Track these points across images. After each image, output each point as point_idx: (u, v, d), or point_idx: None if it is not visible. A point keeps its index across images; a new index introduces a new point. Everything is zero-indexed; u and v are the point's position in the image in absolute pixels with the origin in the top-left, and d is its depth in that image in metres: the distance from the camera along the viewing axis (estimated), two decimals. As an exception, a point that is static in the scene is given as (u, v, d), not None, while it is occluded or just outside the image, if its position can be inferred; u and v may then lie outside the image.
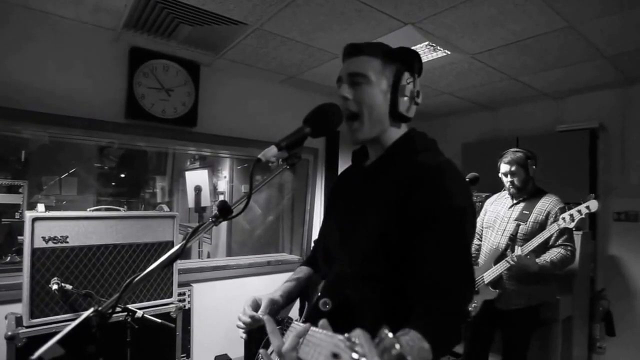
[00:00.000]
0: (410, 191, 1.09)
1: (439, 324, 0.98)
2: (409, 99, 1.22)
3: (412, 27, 2.70)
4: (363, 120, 1.19)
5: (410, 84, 1.21)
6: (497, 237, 2.90)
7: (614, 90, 3.84)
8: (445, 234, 1.05)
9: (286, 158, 1.08)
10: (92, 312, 0.96)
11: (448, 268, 1.03)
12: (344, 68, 1.24)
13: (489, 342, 3.01)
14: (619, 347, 3.73)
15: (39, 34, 2.78)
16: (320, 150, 4.46)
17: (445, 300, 1.01)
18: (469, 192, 1.17)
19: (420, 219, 1.05)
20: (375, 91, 1.18)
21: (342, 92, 1.20)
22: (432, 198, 1.07)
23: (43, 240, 2.32)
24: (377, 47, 1.22)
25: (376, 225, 1.13)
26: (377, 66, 1.19)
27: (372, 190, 1.22)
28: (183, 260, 3.88)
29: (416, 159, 1.17)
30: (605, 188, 3.87)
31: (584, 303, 3.65)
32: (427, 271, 1.03)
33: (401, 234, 1.07)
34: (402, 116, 1.21)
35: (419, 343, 0.91)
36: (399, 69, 1.20)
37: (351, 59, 1.23)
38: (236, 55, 3.34)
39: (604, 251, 3.89)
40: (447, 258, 1.04)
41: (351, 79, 1.20)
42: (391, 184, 1.15)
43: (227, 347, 3.67)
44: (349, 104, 1.19)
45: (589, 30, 2.71)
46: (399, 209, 1.09)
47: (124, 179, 5.20)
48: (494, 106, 4.75)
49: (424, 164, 1.14)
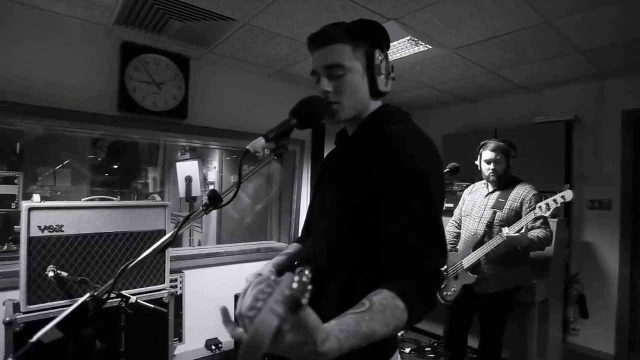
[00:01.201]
0: (376, 160, 1.11)
1: (409, 284, 0.96)
2: (385, 75, 1.24)
3: (395, 23, 2.76)
4: (344, 103, 1.19)
5: (382, 61, 1.22)
6: (475, 224, 2.97)
7: (589, 84, 3.94)
8: (410, 197, 1.05)
9: (274, 149, 1.09)
10: (89, 298, 0.99)
11: (415, 230, 1.03)
12: (317, 61, 1.21)
13: (468, 324, 3.10)
14: (592, 329, 3.86)
15: (34, 30, 2.83)
16: (306, 142, 4.53)
17: (415, 262, 1.01)
18: (435, 157, 1.14)
19: (385, 186, 1.07)
20: (354, 78, 1.18)
21: (322, 87, 1.19)
22: (395, 165, 1.07)
23: (39, 229, 2.36)
24: (343, 30, 1.19)
25: (348, 196, 1.15)
26: (350, 52, 1.18)
27: (347, 164, 1.23)
28: (175, 248, 3.93)
29: (385, 130, 1.18)
30: (580, 177, 3.98)
31: (559, 287, 3.75)
32: (396, 235, 1.04)
33: (371, 203, 1.09)
34: (381, 93, 1.23)
35: (393, 302, 0.90)
36: (369, 49, 1.20)
37: (322, 49, 1.19)
38: (225, 50, 3.39)
39: (578, 238, 4.01)
40: (414, 220, 1.03)
41: (328, 72, 1.18)
42: (363, 155, 1.17)
43: (217, 332, 3.75)
44: (331, 97, 1.19)
45: (564, 26, 2.79)
46: (368, 179, 1.10)
47: (117, 170, 5.21)
48: (474, 99, 4.84)
49: (391, 134, 1.15)
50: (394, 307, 0.89)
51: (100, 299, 1.00)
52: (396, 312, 0.89)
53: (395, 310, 0.89)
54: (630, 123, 3.71)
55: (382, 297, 0.89)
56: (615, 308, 3.75)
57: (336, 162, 1.34)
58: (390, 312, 0.88)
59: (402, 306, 0.90)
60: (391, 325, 0.88)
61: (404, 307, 0.90)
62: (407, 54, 3.35)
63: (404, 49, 3.25)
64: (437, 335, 4.19)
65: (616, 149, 3.79)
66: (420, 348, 4.09)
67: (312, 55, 1.24)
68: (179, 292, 3.45)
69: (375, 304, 0.87)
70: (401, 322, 0.91)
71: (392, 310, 0.89)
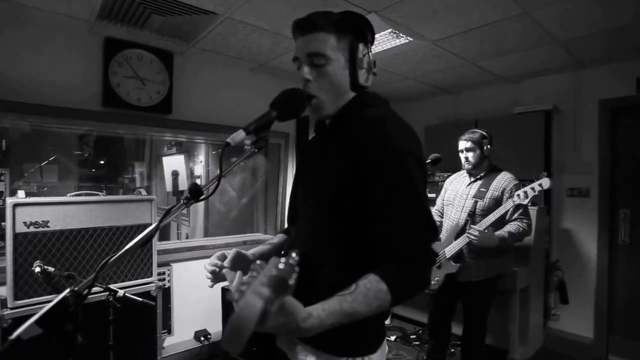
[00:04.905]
0: (356, 144, 1.12)
1: (398, 267, 1.00)
2: (366, 70, 1.24)
3: (375, 15, 2.78)
4: (324, 98, 1.20)
5: (365, 55, 1.22)
6: (456, 213, 3.02)
7: (567, 74, 3.99)
8: (392, 179, 1.06)
9: (254, 141, 1.08)
10: (69, 292, 0.98)
11: (399, 213, 1.05)
12: (300, 47, 1.21)
13: (451, 312, 3.16)
14: (572, 314, 3.94)
15: (16, 25, 2.82)
16: (291, 134, 4.55)
17: (400, 245, 1.03)
18: (413, 137, 1.16)
19: (367, 169, 1.08)
20: (335, 69, 1.18)
21: (304, 74, 1.19)
22: (374, 148, 1.09)
23: (24, 225, 2.38)
24: (329, 20, 1.19)
25: (330, 181, 1.16)
26: (333, 42, 1.18)
27: (327, 150, 1.24)
28: (162, 242, 3.96)
29: (364, 113, 1.18)
30: (559, 166, 4.04)
31: (539, 273, 3.83)
32: (380, 219, 1.06)
33: (354, 187, 1.10)
34: (361, 87, 1.23)
35: (377, 285, 0.95)
36: (353, 41, 1.20)
37: (306, 35, 1.19)
38: (208, 44, 3.40)
39: (558, 225, 4.08)
40: (397, 203, 1.05)
41: (310, 59, 1.18)
42: (342, 141, 1.17)
43: (206, 323, 3.80)
44: (311, 85, 1.19)
45: (542, 16, 2.81)
46: (350, 164, 1.11)
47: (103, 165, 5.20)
48: (455, 90, 4.88)
49: (368, 116, 1.16)
50: (377, 289, 0.95)
51: (81, 294, 0.99)
52: (379, 294, 0.95)
53: (378, 293, 0.95)
54: (607, 112, 3.77)
55: (367, 281, 0.96)
56: (594, 293, 3.83)
57: (316, 149, 1.35)
58: (373, 294, 0.95)
59: (384, 288, 0.95)
60: (373, 305, 0.95)
61: (386, 289, 0.96)
62: (388, 47, 3.38)
63: (384, 42, 3.28)
64: (422, 322, 4.25)
65: (594, 138, 3.85)
66: (405, 335, 4.17)
67: (295, 40, 1.24)
68: (167, 284, 3.48)
69: (360, 287, 0.95)
70: (384, 302, 0.97)
71: (375, 292, 0.95)
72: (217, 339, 3.71)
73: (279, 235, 1.54)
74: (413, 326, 4.39)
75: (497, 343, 3.60)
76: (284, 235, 1.53)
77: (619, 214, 3.74)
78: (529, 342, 3.63)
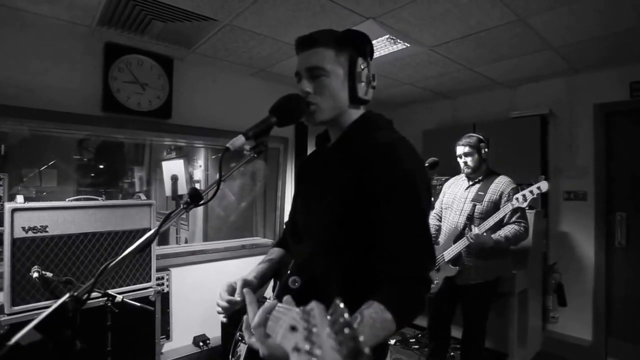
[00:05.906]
0: (365, 167, 1.12)
1: (400, 292, 1.02)
2: (366, 83, 1.25)
3: (373, 22, 2.81)
4: (322, 106, 1.21)
5: (365, 69, 1.24)
6: (455, 217, 3.03)
7: (562, 79, 4.03)
8: (402, 205, 1.08)
9: (254, 147, 1.09)
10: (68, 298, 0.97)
11: (407, 239, 1.07)
12: (300, 62, 1.24)
13: (450, 316, 3.16)
14: (570, 316, 3.96)
15: (17, 31, 2.83)
16: (290, 140, 4.56)
17: (404, 268, 1.05)
18: (421, 164, 1.19)
19: (375, 192, 1.09)
20: (333, 82, 1.20)
21: (303, 87, 1.21)
22: (384, 172, 1.10)
23: (23, 230, 2.35)
24: (330, 36, 1.22)
25: (337, 202, 1.16)
26: (332, 56, 1.20)
27: (332, 170, 1.24)
28: (161, 246, 3.95)
29: (371, 137, 1.19)
30: (555, 169, 4.07)
31: (537, 276, 3.86)
32: (388, 243, 1.07)
33: (360, 209, 1.11)
34: (360, 100, 1.25)
35: (382, 314, 0.94)
36: (352, 55, 1.22)
37: (306, 51, 1.23)
38: (208, 50, 3.41)
39: (555, 228, 4.11)
40: (405, 229, 1.07)
41: (309, 73, 1.21)
42: (349, 162, 1.18)
43: (204, 328, 3.77)
44: (310, 97, 1.20)
45: (537, 23, 2.85)
46: (357, 185, 1.12)
47: (103, 169, 5.17)
48: (452, 95, 4.92)
49: (377, 141, 1.16)
50: (382, 319, 0.95)
51: (80, 299, 0.99)
52: (385, 324, 0.95)
53: (384, 323, 0.95)
54: (602, 116, 3.82)
55: (373, 311, 0.95)
56: (592, 295, 3.84)
57: (319, 166, 1.35)
58: (380, 324, 0.94)
59: (390, 318, 0.95)
60: (381, 336, 0.95)
61: (391, 318, 0.95)
62: (386, 52, 3.40)
63: (382, 47, 3.30)
64: (421, 326, 4.25)
65: (589, 142, 3.89)
66: (404, 339, 4.17)
67: (297, 57, 1.27)
68: (166, 289, 3.46)
69: (366, 318, 0.93)
70: (390, 332, 0.97)
71: (381, 322, 0.94)
72: (216, 344, 3.68)
73: (274, 250, 1.53)
74: (412, 330, 4.39)
75: (496, 346, 3.61)
76: (280, 249, 1.52)
77: (615, 216, 3.76)
78: (527, 345, 3.64)
